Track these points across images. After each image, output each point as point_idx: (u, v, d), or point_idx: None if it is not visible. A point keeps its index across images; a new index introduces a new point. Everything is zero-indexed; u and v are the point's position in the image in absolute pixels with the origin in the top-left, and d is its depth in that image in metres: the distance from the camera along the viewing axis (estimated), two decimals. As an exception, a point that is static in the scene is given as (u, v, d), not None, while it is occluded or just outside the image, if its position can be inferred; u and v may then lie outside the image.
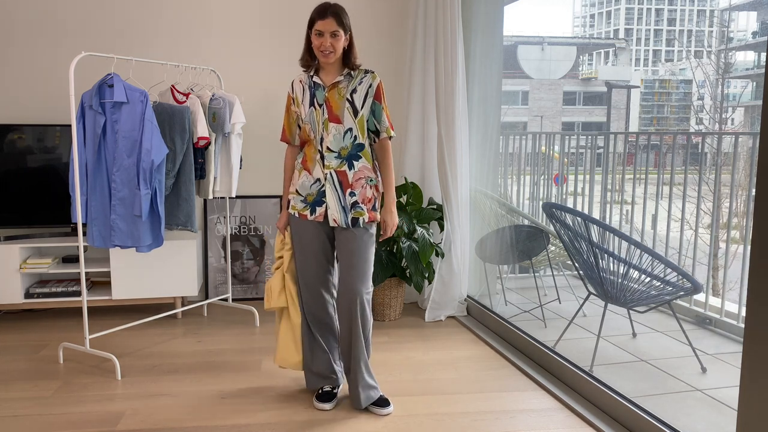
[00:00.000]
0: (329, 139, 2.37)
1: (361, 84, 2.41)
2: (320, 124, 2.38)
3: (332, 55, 2.33)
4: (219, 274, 4.03)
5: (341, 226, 2.40)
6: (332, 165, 2.38)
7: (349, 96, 2.38)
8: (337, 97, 2.37)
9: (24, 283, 3.53)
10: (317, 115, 2.39)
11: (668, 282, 2.93)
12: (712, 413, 2.47)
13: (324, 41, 2.31)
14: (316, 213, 2.40)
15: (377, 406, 2.49)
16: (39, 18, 3.74)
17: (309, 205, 2.42)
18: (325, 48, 2.31)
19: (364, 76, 2.43)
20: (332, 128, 2.37)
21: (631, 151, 4.67)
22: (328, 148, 2.38)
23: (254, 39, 3.98)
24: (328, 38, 2.30)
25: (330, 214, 2.39)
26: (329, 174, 2.38)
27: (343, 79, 2.40)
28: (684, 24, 43.87)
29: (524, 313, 3.81)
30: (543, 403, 2.57)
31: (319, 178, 2.40)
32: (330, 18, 2.29)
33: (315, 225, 2.44)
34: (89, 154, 2.89)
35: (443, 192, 3.66)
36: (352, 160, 2.39)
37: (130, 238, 2.90)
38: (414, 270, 3.54)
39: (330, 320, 2.56)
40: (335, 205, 2.39)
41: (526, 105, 27.22)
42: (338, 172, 2.38)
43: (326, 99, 2.38)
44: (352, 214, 2.39)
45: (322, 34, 2.31)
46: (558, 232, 3.15)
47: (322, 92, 2.39)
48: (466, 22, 3.70)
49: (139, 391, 2.66)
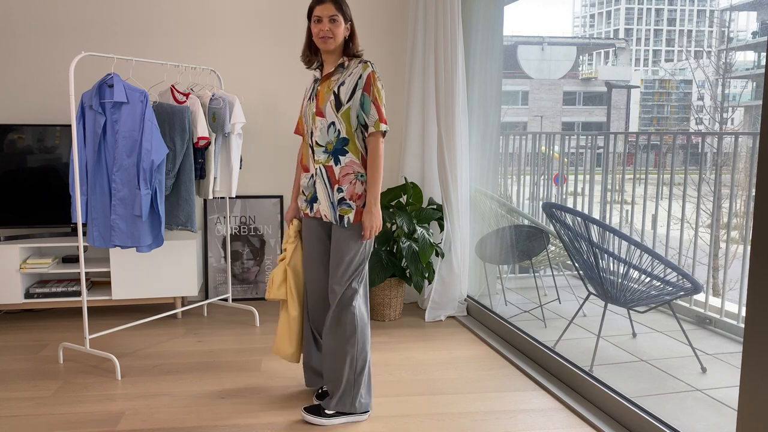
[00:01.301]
0: (317, 133, 2.33)
1: (351, 76, 2.30)
2: (310, 118, 2.35)
3: (331, 41, 2.27)
4: (219, 274, 4.03)
5: (331, 222, 2.34)
6: (321, 159, 2.34)
7: (336, 89, 2.29)
8: (325, 90, 2.32)
9: (24, 283, 3.53)
10: (309, 109, 2.37)
11: (668, 282, 2.93)
12: (712, 413, 2.47)
13: (322, 26, 2.26)
14: (314, 209, 2.38)
15: (310, 413, 2.38)
16: (39, 18, 3.74)
17: (308, 203, 2.41)
18: (323, 33, 2.25)
19: (356, 66, 2.32)
20: (318, 122, 2.32)
21: (631, 151, 4.66)
22: (317, 143, 2.34)
23: (254, 39, 3.98)
24: (327, 23, 2.25)
25: (321, 209, 2.35)
26: (319, 169, 2.35)
27: (335, 71, 2.33)
28: (684, 24, 43.87)
29: (524, 313, 3.81)
30: (543, 403, 2.57)
31: (312, 174, 2.39)
32: (328, 3, 2.26)
33: (316, 226, 2.42)
34: (89, 154, 2.89)
35: (443, 192, 3.66)
36: (338, 155, 2.31)
37: (130, 238, 2.90)
38: (414, 270, 3.54)
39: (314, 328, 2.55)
40: (325, 200, 2.34)
41: (526, 105, 27.21)
42: (326, 167, 2.33)
43: (317, 92, 2.34)
44: (339, 211, 2.31)
45: (320, 20, 2.26)
46: (558, 232, 3.15)
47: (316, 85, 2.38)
48: (466, 22, 3.70)
49: (139, 391, 2.66)
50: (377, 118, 2.29)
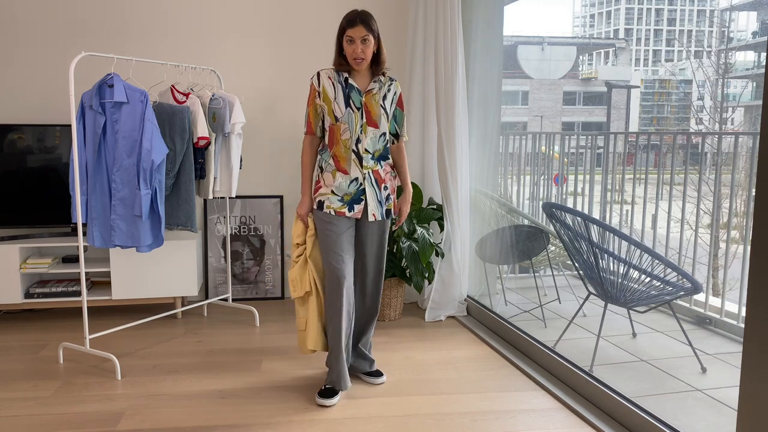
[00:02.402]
0: (367, 141, 2.55)
1: (390, 92, 2.61)
2: (357, 126, 2.53)
3: (364, 62, 2.49)
4: (219, 274, 4.03)
5: (377, 219, 2.61)
6: (369, 165, 2.57)
7: (382, 102, 2.57)
8: (373, 103, 2.55)
9: (24, 283, 3.53)
10: (356, 118, 2.53)
11: (668, 282, 2.93)
12: (712, 413, 2.47)
13: (356, 48, 2.45)
14: (355, 210, 2.56)
15: (373, 376, 2.77)
16: (39, 18, 3.74)
17: (347, 204, 2.55)
18: (357, 55, 2.46)
19: (390, 83, 2.63)
20: (370, 132, 2.55)
21: (631, 151, 4.67)
22: (366, 150, 2.55)
23: (254, 39, 3.98)
24: (359, 45, 2.45)
25: (370, 210, 2.58)
26: (368, 173, 2.57)
27: (375, 86, 2.57)
28: (684, 24, 43.87)
29: (524, 313, 3.81)
30: (543, 403, 2.57)
31: (357, 178, 2.55)
32: (359, 25, 2.44)
33: (346, 223, 2.58)
34: (89, 154, 2.89)
35: (443, 192, 3.66)
36: (381, 160, 2.62)
37: (130, 238, 2.90)
38: (414, 270, 3.54)
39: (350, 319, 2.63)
40: (374, 202, 2.59)
41: (526, 105, 27.22)
42: (374, 171, 2.59)
43: (363, 104, 2.54)
44: (386, 206, 2.64)
45: (353, 41, 2.45)
46: (558, 232, 3.16)
47: (358, 96, 2.54)
48: (466, 22, 3.70)
49: (139, 391, 2.66)
50: (405, 129, 2.75)
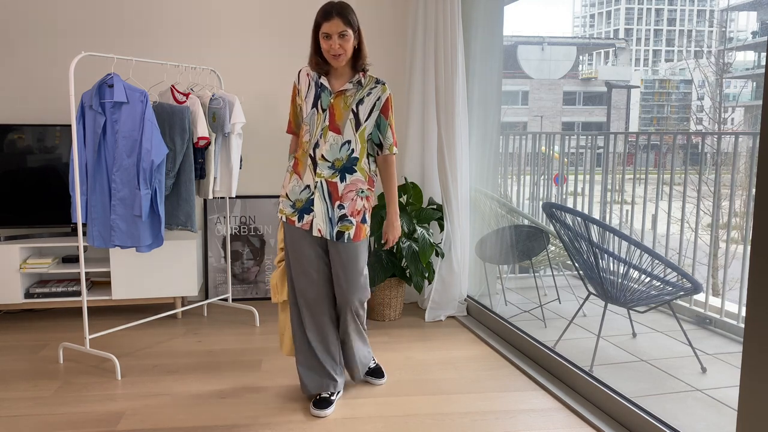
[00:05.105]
0: (325, 147, 2.26)
1: (370, 95, 2.29)
2: (318, 129, 2.27)
3: (343, 57, 2.21)
4: (219, 274, 4.03)
5: (325, 237, 2.31)
6: (324, 174, 2.28)
7: (355, 107, 2.27)
8: (342, 106, 2.26)
9: (24, 283, 3.53)
10: (318, 119, 2.27)
11: (668, 282, 2.93)
12: (712, 413, 2.47)
13: (333, 44, 2.17)
14: (304, 220, 2.31)
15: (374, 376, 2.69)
16: (39, 18, 3.74)
17: (297, 211, 2.33)
18: (335, 51, 2.18)
19: (374, 86, 2.31)
20: (330, 137, 2.26)
21: (631, 151, 4.67)
22: (323, 157, 2.27)
23: (254, 39, 3.98)
24: (337, 40, 2.17)
25: (315, 223, 2.30)
26: (320, 183, 2.28)
27: (352, 87, 2.28)
28: (684, 24, 43.87)
29: (524, 313, 3.81)
30: (543, 403, 2.57)
31: (309, 185, 2.30)
32: (336, 18, 2.16)
33: (307, 235, 2.34)
34: (89, 154, 2.89)
35: (443, 192, 3.66)
36: (345, 173, 2.29)
37: (130, 238, 2.90)
38: (414, 270, 3.54)
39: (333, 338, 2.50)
40: (322, 216, 2.29)
41: (526, 105, 27.22)
42: (329, 182, 2.28)
43: (330, 105, 2.26)
44: (339, 227, 2.30)
45: (329, 37, 2.17)
46: (558, 232, 3.16)
47: (327, 97, 2.27)
48: (466, 22, 3.70)
49: (139, 391, 2.66)
50: (391, 142, 2.38)
